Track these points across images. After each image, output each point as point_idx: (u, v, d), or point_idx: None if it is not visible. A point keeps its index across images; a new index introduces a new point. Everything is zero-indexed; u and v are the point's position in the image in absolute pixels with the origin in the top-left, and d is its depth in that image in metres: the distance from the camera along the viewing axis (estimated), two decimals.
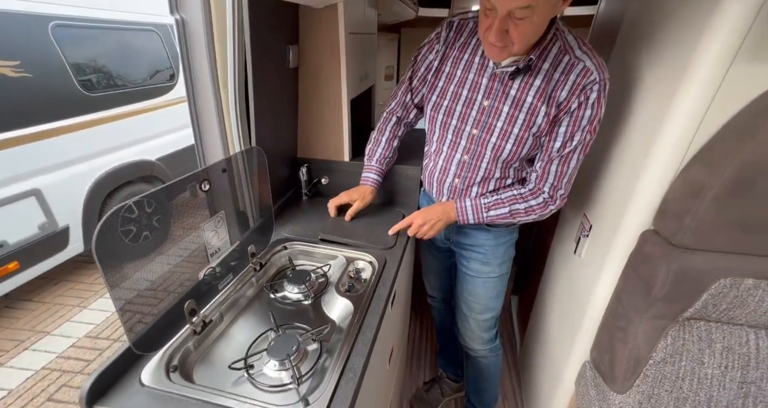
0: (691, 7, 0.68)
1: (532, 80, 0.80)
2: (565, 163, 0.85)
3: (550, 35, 0.77)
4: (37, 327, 2.06)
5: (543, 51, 0.78)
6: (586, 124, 0.79)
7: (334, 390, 0.58)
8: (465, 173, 0.95)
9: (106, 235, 0.50)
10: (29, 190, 1.94)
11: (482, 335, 1.18)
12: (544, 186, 0.88)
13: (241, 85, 0.90)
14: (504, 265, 1.09)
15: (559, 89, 0.78)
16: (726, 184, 0.61)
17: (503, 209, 0.91)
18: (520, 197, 0.90)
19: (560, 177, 0.86)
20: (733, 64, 0.62)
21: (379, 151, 1.08)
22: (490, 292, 1.11)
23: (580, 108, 0.78)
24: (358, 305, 0.77)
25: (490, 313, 1.15)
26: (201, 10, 0.82)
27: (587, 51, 0.77)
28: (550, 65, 0.78)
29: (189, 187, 0.64)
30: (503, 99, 0.84)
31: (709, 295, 0.66)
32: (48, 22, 1.98)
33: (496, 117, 0.85)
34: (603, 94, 0.76)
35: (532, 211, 0.90)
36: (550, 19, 0.71)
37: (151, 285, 0.60)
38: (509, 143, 0.86)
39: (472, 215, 0.93)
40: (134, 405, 0.54)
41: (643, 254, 0.76)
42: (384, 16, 1.74)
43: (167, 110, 2.75)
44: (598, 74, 0.75)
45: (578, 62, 0.76)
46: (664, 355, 0.72)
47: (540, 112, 0.81)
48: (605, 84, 0.76)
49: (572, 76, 0.76)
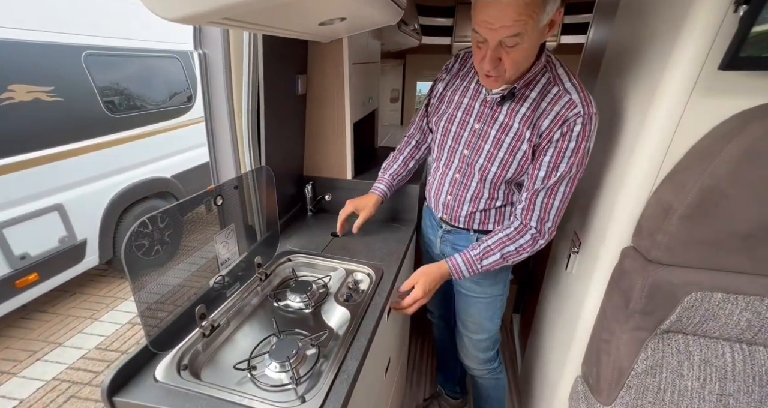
0: (656, 40, 0.76)
1: (518, 107, 0.84)
2: (551, 196, 0.85)
3: (539, 65, 0.80)
4: (50, 338, 2.12)
5: (532, 80, 0.82)
6: (571, 155, 0.80)
7: (328, 389, 0.63)
8: (456, 191, 1.00)
9: (133, 244, 0.57)
10: (53, 205, 2.06)
11: (478, 355, 1.19)
12: (531, 220, 0.88)
13: (254, 110, 1.00)
14: (497, 286, 1.09)
15: (543, 118, 0.81)
16: (691, 206, 0.66)
17: (494, 256, 0.90)
18: (508, 239, 0.90)
19: (546, 209, 0.87)
20: (693, 93, 0.69)
21: (394, 167, 1.16)
22: (483, 312, 1.12)
23: (563, 139, 0.80)
24: (354, 314, 0.83)
25: (485, 334, 1.15)
26: (221, 46, 0.94)
27: (576, 85, 0.80)
28: (537, 94, 0.82)
29: (204, 202, 0.72)
30: (491, 123, 0.88)
31: (682, 308, 0.70)
32: (81, 52, 2.17)
33: (485, 140, 0.90)
34: (589, 128, 0.78)
35: (523, 250, 0.90)
36: (539, 44, 0.75)
37: (168, 290, 0.67)
38: (494, 165, 0.90)
39: (466, 270, 0.93)
40: (149, 398, 0.60)
41: (623, 269, 0.80)
42: (388, 45, 1.87)
43: (183, 130, 2.92)
44: (582, 108, 0.77)
45: (565, 94, 0.79)
46: (645, 367, 0.75)
47: (524, 138, 0.85)
48: (591, 118, 0.78)
49: (557, 107, 0.79)
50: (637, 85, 0.83)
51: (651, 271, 0.72)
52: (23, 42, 1.89)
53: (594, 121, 0.78)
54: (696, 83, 0.68)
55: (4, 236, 1.86)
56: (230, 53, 0.95)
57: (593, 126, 0.79)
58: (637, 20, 0.90)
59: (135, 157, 2.53)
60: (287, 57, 1.08)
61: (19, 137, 1.90)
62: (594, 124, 0.78)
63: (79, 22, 2.18)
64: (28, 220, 1.95)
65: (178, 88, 2.90)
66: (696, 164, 0.68)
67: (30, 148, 1.94)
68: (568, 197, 0.86)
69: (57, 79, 2.04)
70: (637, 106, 0.81)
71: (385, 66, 2.54)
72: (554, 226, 0.89)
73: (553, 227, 0.89)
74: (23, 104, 1.89)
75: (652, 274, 0.72)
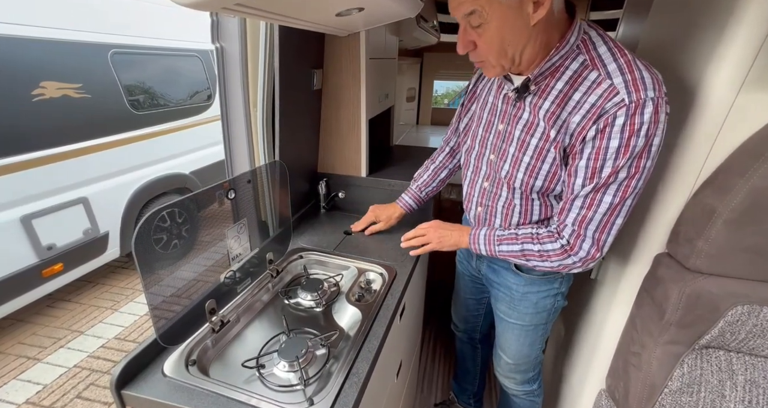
0: (699, 36, 0.70)
1: (541, 102, 0.71)
2: (590, 207, 0.68)
3: (564, 48, 0.65)
4: (73, 326, 2.20)
5: (558, 67, 0.67)
6: (615, 156, 0.63)
7: (338, 392, 0.60)
8: (486, 201, 0.88)
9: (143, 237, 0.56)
10: (78, 198, 2.13)
11: (516, 376, 1.08)
12: (563, 231, 0.73)
13: (269, 104, 0.98)
14: (539, 315, 0.94)
15: (574, 113, 0.66)
16: (737, 210, 0.60)
17: (515, 246, 0.79)
18: (536, 237, 0.77)
19: (583, 223, 0.69)
20: (742, 90, 0.63)
21: (424, 177, 1.09)
22: (521, 339, 0.99)
23: (601, 138, 0.63)
24: (366, 314, 0.80)
25: (523, 359, 1.03)
26: (238, 39, 0.93)
27: (624, 64, 0.62)
28: (565, 85, 0.67)
29: (217, 195, 0.71)
30: (515, 122, 0.76)
31: (725, 323, 0.64)
32: (108, 50, 2.24)
33: (509, 142, 0.78)
34: (639, 119, 0.60)
35: (547, 257, 0.76)
36: (523, 24, 0.61)
37: (179, 284, 0.66)
38: (520, 172, 0.77)
39: (483, 245, 0.84)
40: (156, 392, 0.59)
41: (656, 277, 0.74)
42: (406, 42, 1.84)
43: (202, 128, 2.97)
44: (627, 94, 0.60)
45: (605, 80, 0.62)
46: (681, 385, 0.69)
47: (550, 138, 0.70)
48: (642, 105, 0.59)
49: (592, 97, 0.63)
50: (676, 82, 0.77)
51: (689, 281, 0.66)
52: (54, 40, 1.96)
53: (649, 110, 0.59)
54: (746, 78, 0.62)
55: (33, 227, 1.93)
56: (247, 46, 0.94)
57: (648, 116, 0.60)
58: (676, 13, 0.84)
59: (156, 154, 2.59)
60: (304, 51, 1.07)
61: (49, 132, 1.97)
62: (649, 113, 0.59)
63: (106, 21, 2.25)
64: (55, 212, 2.02)
65: (198, 87, 2.95)
66: (745, 165, 0.62)
67: (58, 143, 2.01)
68: (618, 210, 0.67)
69: (85, 77, 2.11)
70: (676, 103, 0.75)
71: (402, 64, 2.51)
72: (597, 245, 0.70)
73: (596, 247, 0.70)
74: (53, 100, 1.96)
75: (691, 284, 0.66)
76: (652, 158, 0.64)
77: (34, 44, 1.87)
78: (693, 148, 0.69)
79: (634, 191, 0.66)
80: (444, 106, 3.63)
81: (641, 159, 0.63)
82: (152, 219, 0.58)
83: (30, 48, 1.86)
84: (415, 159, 1.63)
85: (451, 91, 4.08)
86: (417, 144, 2.48)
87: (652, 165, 0.65)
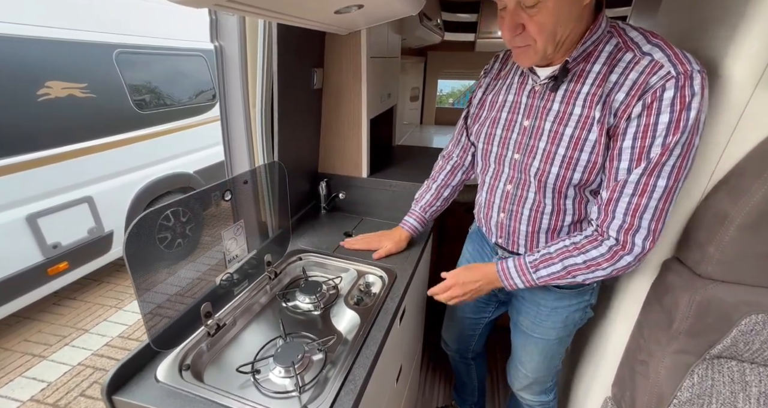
0: (711, 33, 0.67)
1: (578, 87, 0.66)
2: (643, 194, 0.61)
3: (598, 31, 0.63)
4: (78, 324, 2.22)
5: (592, 51, 0.65)
6: (666, 133, 0.58)
7: (333, 400, 0.59)
8: (510, 206, 0.81)
9: (135, 239, 0.55)
10: (83, 197, 2.14)
11: (532, 387, 1.04)
12: (609, 228, 0.66)
13: (267, 103, 0.97)
14: (566, 329, 0.89)
15: (615, 92, 0.62)
16: (752, 214, 0.57)
17: (554, 266, 0.71)
18: (575, 247, 0.69)
19: (635, 213, 0.63)
20: (757, 88, 0.60)
21: (427, 197, 1.03)
22: (543, 354, 0.94)
23: (648, 114, 0.59)
24: (365, 318, 0.79)
25: (543, 372, 0.98)
26: (237, 38, 0.92)
27: (659, 42, 0.60)
28: (603, 66, 0.64)
29: (213, 197, 0.70)
30: (544, 115, 0.71)
31: (738, 332, 0.61)
32: (113, 50, 2.25)
33: (538, 137, 0.72)
34: (689, 91, 0.56)
35: (596, 265, 0.68)
36: (575, 6, 0.59)
37: (172, 288, 0.65)
38: (554, 166, 0.70)
39: (518, 278, 0.76)
40: (148, 399, 0.58)
41: (665, 284, 0.72)
42: (409, 40, 1.82)
43: (206, 127, 2.98)
44: (672, 66, 0.57)
45: (644, 57, 0.60)
46: (691, 395, 0.66)
47: (593, 120, 0.65)
48: (690, 76, 0.56)
49: (633, 73, 0.60)
50: None
51: (700, 288, 0.63)
52: (59, 40, 1.97)
53: (698, 82, 0.56)
54: (762, 76, 0.59)
55: (39, 226, 1.95)
56: (246, 45, 0.93)
57: (698, 87, 0.56)
58: (687, 10, 0.81)
59: (160, 153, 2.60)
60: (303, 50, 1.05)
61: (54, 131, 1.98)
62: (699, 85, 0.56)
63: (111, 20, 2.26)
64: (60, 211, 2.03)
65: (203, 86, 2.96)
66: (759, 167, 0.59)
67: (64, 142, 2.02)
68: (672, 195, 0.61)
69: (90, 77, 2.12)
70: None
71: (406, 63, 2.49)
72: (652, 236, 0.63)
73: (651, 238, 0.64)
74: (59, 100, 1.97)
75: (702, 291, 0.63)
76: (700, 136, 0.59)
77: (40, 44, 1.88)
78: (705, 150, 0.66)
79: (686, 171, 0.60)
80: (449, 105, 3.60)
81: (693, 135, 0.58)
82: (142, 223, 0.57)
83: (35, 48, 1.87)
84: (417, 159, 1.61)
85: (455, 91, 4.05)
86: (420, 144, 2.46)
87: (699, 144, 0.60)
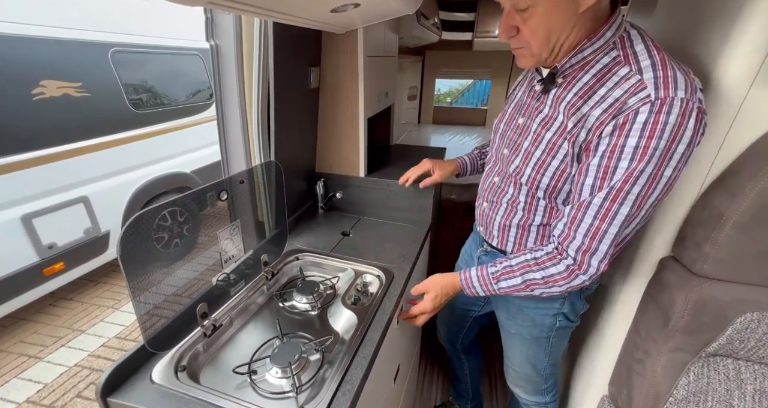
0: (708, 30, 0.67)
1: (564, 94, 0.66)
2: (603, 219, 0.60)
3: (600, 41, 0.61)
4: (74, 325, 2.20)
5: (589, 61, 0.63)
6: (631, 157, 0.56)
7: (330, 400, 0.58)
8: (492, 197, 0.85)
9: (130, 239, 0.55)
10: (79, 197, 2.13)
11: (524, 385, 1.03)
12: (569, 247, 0.66)
13: (263, 103, 0.97)
14: (537, 329, 0.89)
15: (596, 107, 0.61)
16: (747, 213, 0.58)
17: (515, 280, 0.73)
18: (535, 263, 0.70)
19: (596, 236, 0.62)
20: (753, 86, 0.60)
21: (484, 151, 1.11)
22: (522, 350, 0.95)
23: (618, 135, 0.57)
24: (362, 318, 0.78)
25: (529, 370, 0.98)
26: (233, 37, 0.91)
27: (659, 61, 0.57)
28: (592, 78, 0.62)
29: (209, 197, 0.69)
30: (535, 116, 0.72)
31: (734, 330, 0.61)
32: (109, 49, 2.23)
33: (525, 136, 0.74)
34: (664, 118, 0.53)
35: (554, 282, 0.69)
36: (573, 10, 0.58)
37: (168, 288, 0.65)
38: (528, 167, 0.72)
39: (479, 286, 0.78)
40: (144, 400, 0.57)
41: (661, 282, 0.72)
42: (406, 39, 1.81)
43: (204, 126, 2.96)
44: (654, 90, 0.54)
45: (636, 74, 0.58)
46: (687, 393, 0.67)
47: (566, 131, 0.65)
48: (669, 104, 0.53)
49: (618, 90, 0.58)
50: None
51: (696, 286, 0.63)
52: (54, 39, 1.95)
53: (677, 111, 0.53)
54: (758, 74, 0.59)
55: (34, 226, 1.93)
56: (242, 44, 0.92)
57: (675, 117, 0.53)
58: (684, 8, 0.81)
59: (156, 153, 2.58)
60: (300, 48, 1.04)
61: (49, 131, 1.96)
62: (677, 115, 0.53)
63: (107, 20, 2.24)
64: (55, 212, 2.02)
65: (200, 86, 2.94)
66: (755, 166, 0.59)
67: (59, 142, 2.00)
68: (634, 221, 0.61)
69: (85, 76, 2.10)
70: None
71: (404, 62, 2.48)
72: (607, 259, 0.63)
73: (606, 261, 0.64)
74: (53, 99, 1.96)
75: (697, 289, 0.63)
76: (675, 168, 0.56)
77: (34, 43, 1.87)
78: (701, 148, 0.66)
79: (654, 200, 0.59)
80: (446, 104, 3.60)
81: (662, 166, 0.56)
82: (136, 224, 0.56)
83: (30, 47, 1.85)
84: (415, 159, 1.60)
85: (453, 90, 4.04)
86: (418, 143, 2.45)
87: (675, 176, 0.57)
